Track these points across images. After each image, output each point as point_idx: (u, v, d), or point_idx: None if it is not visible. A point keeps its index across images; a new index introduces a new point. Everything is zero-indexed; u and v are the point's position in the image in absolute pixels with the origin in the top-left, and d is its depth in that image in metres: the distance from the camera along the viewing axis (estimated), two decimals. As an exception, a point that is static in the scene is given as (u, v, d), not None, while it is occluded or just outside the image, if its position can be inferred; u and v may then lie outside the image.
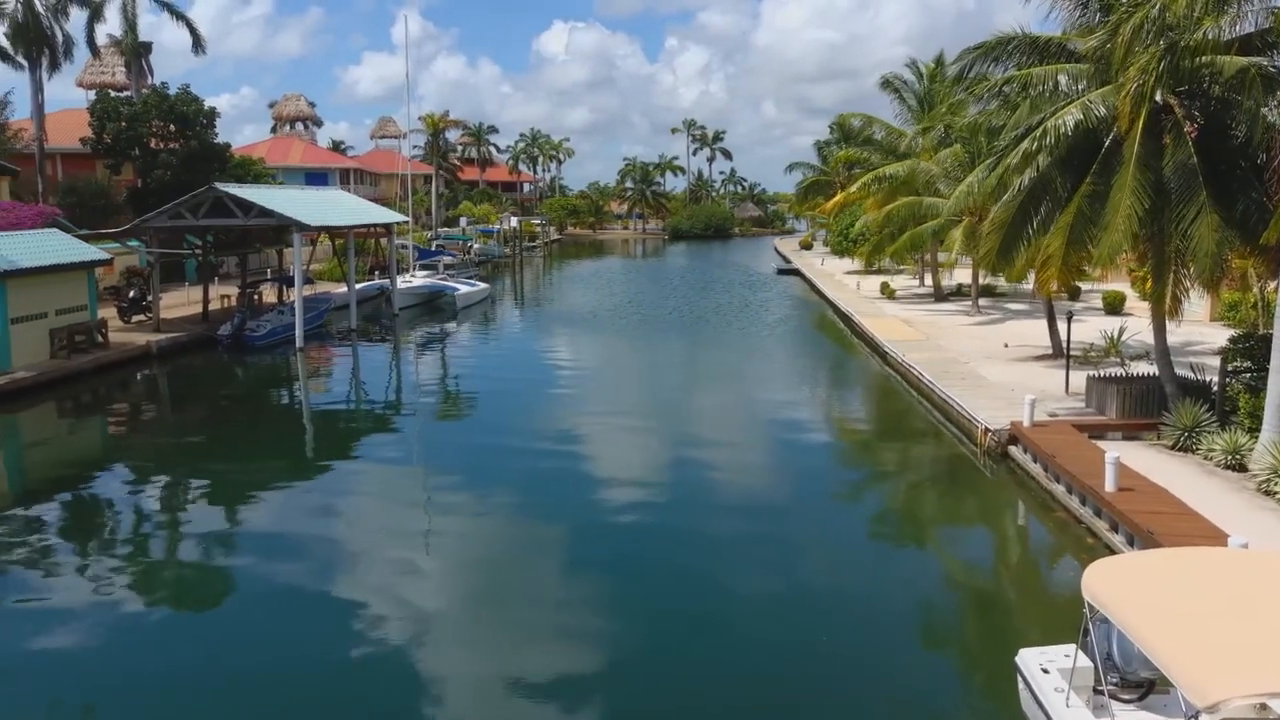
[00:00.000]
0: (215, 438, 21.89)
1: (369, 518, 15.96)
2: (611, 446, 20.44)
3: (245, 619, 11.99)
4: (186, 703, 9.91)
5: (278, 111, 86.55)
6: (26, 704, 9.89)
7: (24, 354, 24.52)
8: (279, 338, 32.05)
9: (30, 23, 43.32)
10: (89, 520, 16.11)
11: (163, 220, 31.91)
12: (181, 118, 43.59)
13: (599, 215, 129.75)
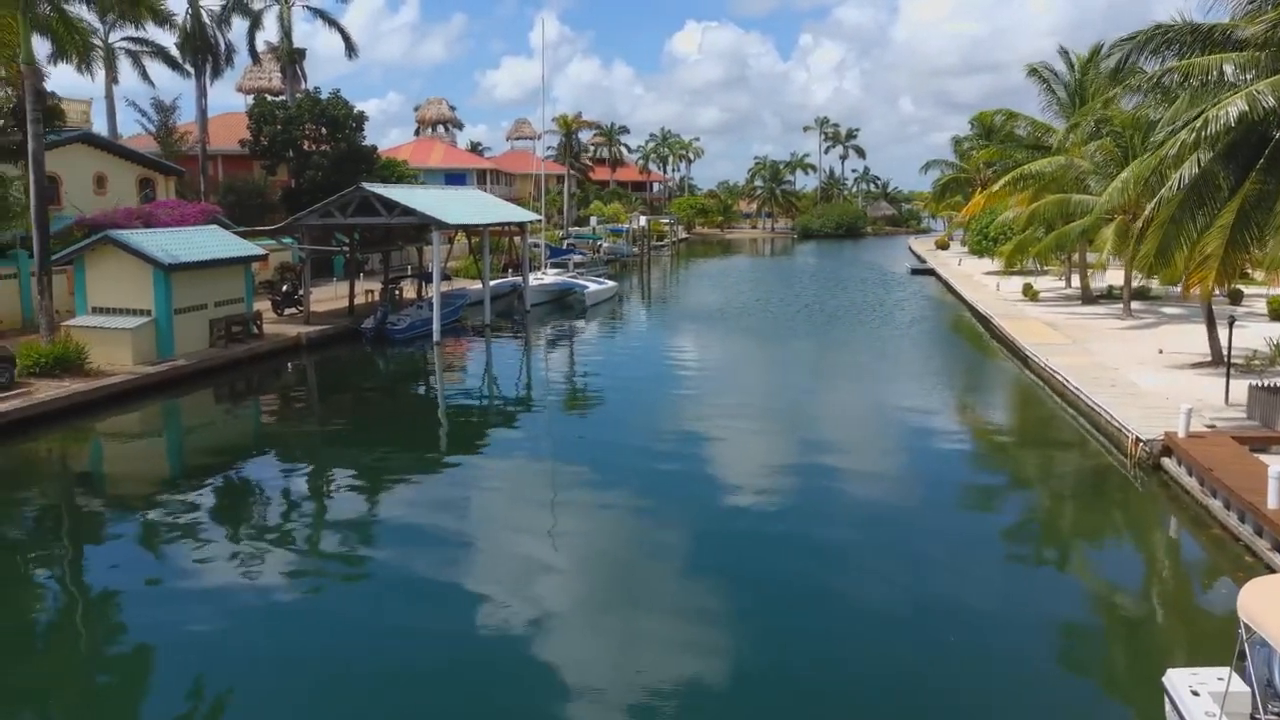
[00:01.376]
0: (357, 426, 22.95)
1: (496, 511, 16.40)
2: (735, 447, 20.32)
3: (377, 603, 12.46)
4: (316, 683, 10.40)
5: (421, 115, 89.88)
6: (173, 678, 10.58)
7: (186, 343, 26.29)
8: (417, 332, 33.30)
9: (196, 32, 46.40)
10: (239, 502, 17.12)
11: (314, 218, 33.63)
12: (332, 121, 45.82)
13: (727, 214, 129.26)
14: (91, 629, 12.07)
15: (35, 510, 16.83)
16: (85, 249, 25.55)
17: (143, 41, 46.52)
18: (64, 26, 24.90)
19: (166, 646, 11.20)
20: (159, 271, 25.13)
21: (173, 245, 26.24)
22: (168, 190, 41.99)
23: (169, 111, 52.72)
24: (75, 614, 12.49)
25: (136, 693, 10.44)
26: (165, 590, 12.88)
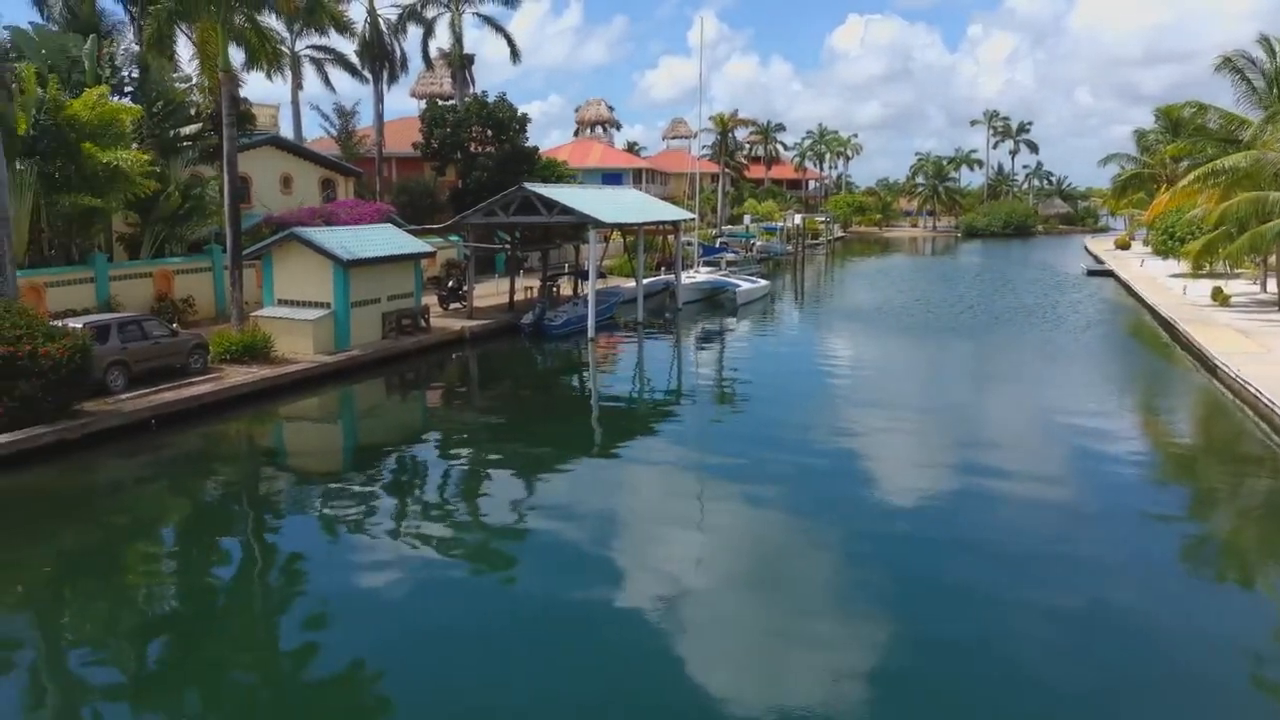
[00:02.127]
0: (514, 416, 23.71)
1: (646, 504, 16.56)
2: (891, 448, 19.75)
3: (526, 585, 12.85)
4: (466, 657, 10.81)
5: (581, 116, 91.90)
6: (343, 646, 11.25)
7: (361, 334, 27.86)
8: (573, 327, 34.06)
9: (374, 40, 49.08)
10: (405, 483, 17.99)
11: (478, 217, 34.94)
12: (498, 123, 47.47)
13: (886, 212, 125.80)
14: (271, 596, 12.97)
15: (224, 485, 18.28)
16: (273, 245, 27.45)
17: (325, 49, 49.68)
18: (257, 36, 26.82)
19: (338, 615, 11.92)
20: (338, 267, 26.72)
21: (350, 242, 27.84)
22: (347, 190, 44.62)
23: (349, 116, 56.01)
24: (257, 581, 13.46)
25: (310, 657, 11.14)
26: (337, 562, 13.71)
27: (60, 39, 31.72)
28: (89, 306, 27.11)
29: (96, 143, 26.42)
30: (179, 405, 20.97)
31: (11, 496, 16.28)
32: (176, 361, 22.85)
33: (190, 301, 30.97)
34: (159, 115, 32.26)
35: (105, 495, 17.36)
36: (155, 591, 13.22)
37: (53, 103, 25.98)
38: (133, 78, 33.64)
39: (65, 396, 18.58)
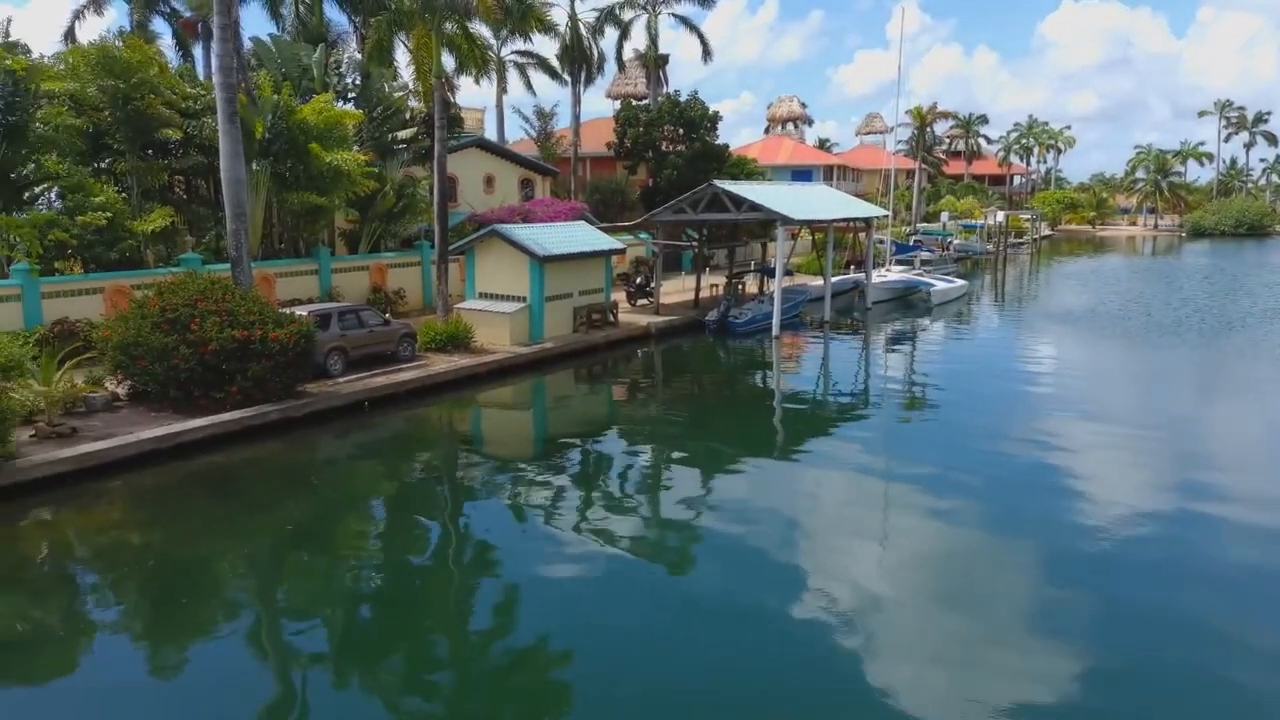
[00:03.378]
0: (697, 412, 23.85)
1: (826, 507, 16.26)
2: (1099, 463, 18.43)
3: (703, 585, 12.90)
4: (637, 648, 10.96)
5: (772, 113, 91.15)
6: (528, 631, 11.69)
7: (553, 327, 28.87)
8: (758, 325, 33.89)
9: (574, 43, 50.61)
10: (590, 472, 18.47)
11: (667, 215, 35.39)
12: (689, 122, 47.85)
13: (1101, 209, 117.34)
14: (464, 575, 13.67)
15: (426, 466, 19.44)
16: (475, 241, 28.89)
17: (528, 54, 51.73)
18: (467, 43, 28.30)
19: (524, 598, 12.44)
20: (534, 262, 27.80)
21: (546, 239, 28.88)
22: (544, 189, 46.32)
23: (548, 118, 58.13)
24: (451, 559, 14.23)
25: (498, 637, 11.68)
26: (524, 547, 14.28)
27: (293, 49, 34.65)
28: (313, 296, 29.53)
29: (322, 145, 28.69)
30: (389, 389, 22.48)
31: (242, 467, 17.98)
32: (388, 349, 24.48)
33: (401, 293, 33.11)
34: (378, 119, 34.64)
35: (322, 470, 18.87)
36: (361, 563, 14.25)
37: (285, 108, 28.42)
38: (355, 84, 36.30)
39: (291, 378, 20.31)
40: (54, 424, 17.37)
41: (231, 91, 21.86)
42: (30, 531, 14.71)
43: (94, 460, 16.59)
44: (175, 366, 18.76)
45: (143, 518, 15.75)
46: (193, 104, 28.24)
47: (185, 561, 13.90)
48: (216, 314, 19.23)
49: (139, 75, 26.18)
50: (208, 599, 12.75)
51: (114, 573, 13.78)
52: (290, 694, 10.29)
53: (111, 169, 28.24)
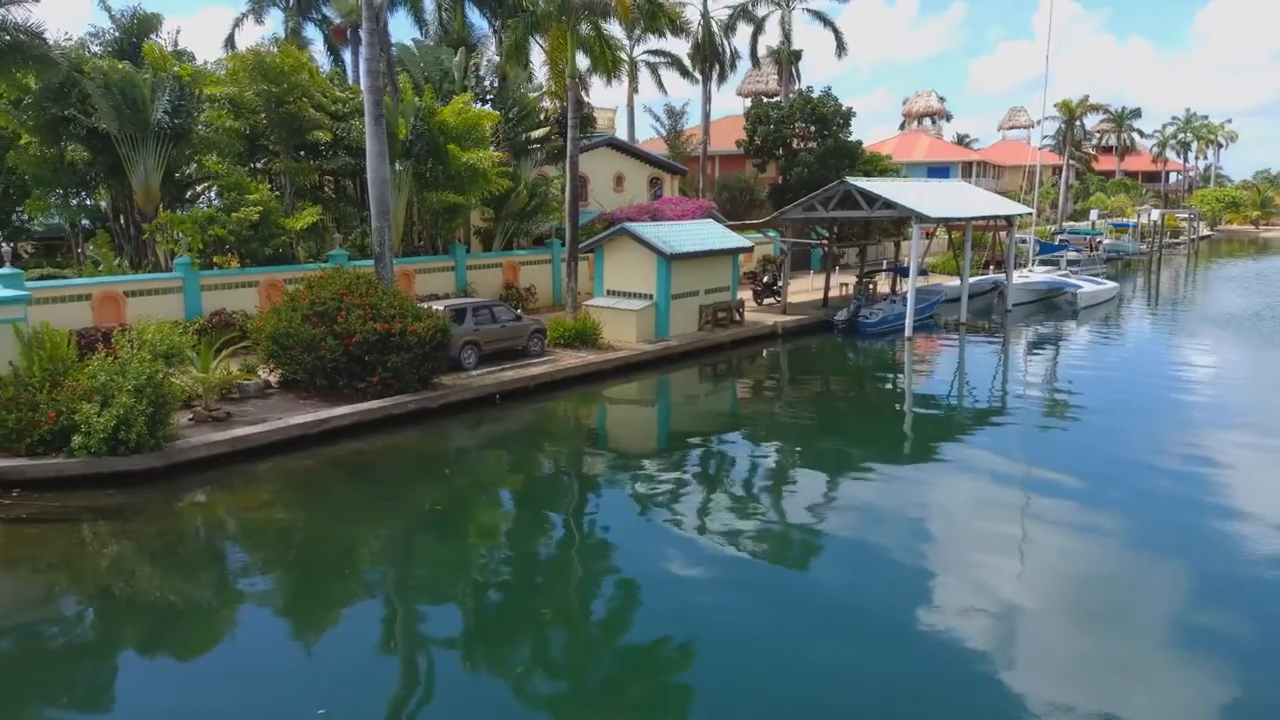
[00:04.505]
0: (823, 413, 23.44)
1: (958, 516, 15.68)
2: (1257, 477, 17.15)
3: (827, 588, 12.64)
4: (766, 650, 10.80)
5: (908, 108, 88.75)
6: (649, 626, 11.72)
7: (678, 325, 28.92)
8: (889, 326, 33.04)
9: (706, 41, 50.53)
10: (712, 470, 18.39)
11: (797, 213, 34.92)
12: (821, 118, 47.09)
13: (1264, 209, 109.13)
14: (588, 566, 13.84)
15: (552, 457, 19.82)
16: (604, 239, 29.22)
17: (660, 53, 51.98)
18: (600, 43, 28.64)
19: (646, 592, 12.50)
20: (661, 260, 27.91)
21: (673, 237, 28.95)
22: (672, 188, 46.45)
23: (678, 117, 58.25)
24: (576, 549, 14.43)
25: (620, 630, 11.77)
26: (647, 541, 14.33)
27: (435, 53, 35.87)
28: (449, 292, 30.51)
29: (460, 145, 29.59)
30: (519, 383, 23.00)
31: (382, 454, 18.74)
32: (518, 344, 25.06)
33: (532, 290, 33.85)
34: (513, 120, 35.50)
35: (455, 459, 19.49)
36: (489, 551, 14.63)
37: (427, 110, 29.45)
38: (493, 86, 37.29)
39: (427, 370, 21.04)
40: (210, 409, 18.52)
41: (378, 95, 22.80)
42: (187, 509, 15.74)
43: (246, 444, 17.61)
44: (322, 356, 19.71)
45: (289, 499, 16.63)
46: (341, 107, 29.61)
47: (327, 542, 14.61)
48: (360, 308, 20.09)
49: (292, 80, 27.64)
50: (346, 578, 13.34)
51: (261, 550, 14.60)
52: (418, 672, 10.66)
53: (267, 169, 29.94)
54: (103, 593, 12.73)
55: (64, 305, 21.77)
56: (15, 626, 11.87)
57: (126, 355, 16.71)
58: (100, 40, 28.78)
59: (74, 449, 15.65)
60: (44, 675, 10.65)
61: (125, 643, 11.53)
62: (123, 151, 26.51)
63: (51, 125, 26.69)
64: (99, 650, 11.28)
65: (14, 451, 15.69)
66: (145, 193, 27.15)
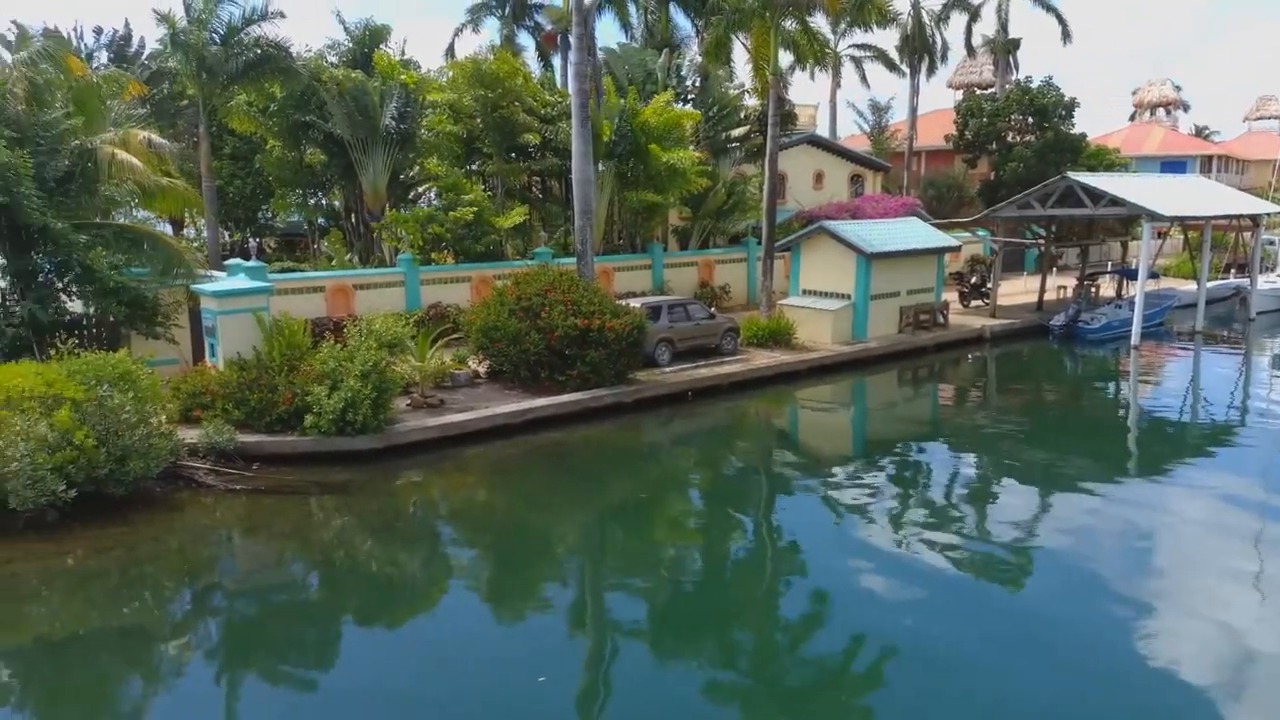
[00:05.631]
0: (1032, 425, 22.06)
1: (1186, 537, 14.33)
2: None
3: (1032, 609, 11.85)
4: (968, 671, 10.24)
5: (1139, 98, 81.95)
6: (836, 635, 11.40)
7: (877, 326, 28.05)
8: (1113, 333, 30.67)
9: (915, 32, 48.73)
10: (907, 479, 17.67)
11: (1011, 210, 33.03)
12: (1040, 110, 44.35)
13: None
14: (775, 567, 13.67)
15: (742, 456, 19.76)
16: (802, 238, 28.79)
17: (866, 46, 50.58)
18: (805, 38, 28.22)
19: (833, 599, 12.20)
20: (861, 259, 27.18)
21: (874, 236, 28.12)
22: (874, 185, 45.16)
23: (882, 111, 56.56)
24: (763, 549, 14.29)
25: (805, 635, 11.55)
26: (836, 547, 13.99)
27: (639, 55, 36.57)
28: (645, 289, 31.04)
29: (661, 145, 30.02)
30: (711, 381, 23.08)
31: (579, 445, 19.32)
32: (711, 342, 25.13)
33: (726, 289, 33.87)
34: (713, 119, 35.65)
35: (648, 453, 19.80)
36: (678, 546, 14.76)
37: (630, 111, 30.06)
38: (694, 86, 37.60)
39: (623, 365, 21.49)
40: (426, 395, 19.73)
41: (585, 98, 23.50)
42: (403, 488, 16.84)
43: (456, 429, 18.63)
44: (526, 350, 20.55)
45: (494, 483, 17.48)
46: (550, 110, 30.75)
47: (527, 525, 15.26)
48: (563, 304, 20.79)
49: (506, 85, 28.98)
50: (543, 561, 13.87)
51: (468, 530, 15.43)
52: (608, 657, 10.89)
53: (480, 170, 31.56)
54: (327, 561, 13.84)
55: (301, 296, 23.80)
56: (252, 588, 13.12)
57: (355, 343, 18.07)
58: (336, 51, 31.28)
59: (306, 428, 17.10)
60: (274, 633, 11.72)
61: (346, 608, 12.47)
62: (354, 155, 28.70)
63: (293, 131, 29.29)
64: (322, 614, 12.27)
65: (255, 428, 17.32)
66: (374, 193, 29.28)
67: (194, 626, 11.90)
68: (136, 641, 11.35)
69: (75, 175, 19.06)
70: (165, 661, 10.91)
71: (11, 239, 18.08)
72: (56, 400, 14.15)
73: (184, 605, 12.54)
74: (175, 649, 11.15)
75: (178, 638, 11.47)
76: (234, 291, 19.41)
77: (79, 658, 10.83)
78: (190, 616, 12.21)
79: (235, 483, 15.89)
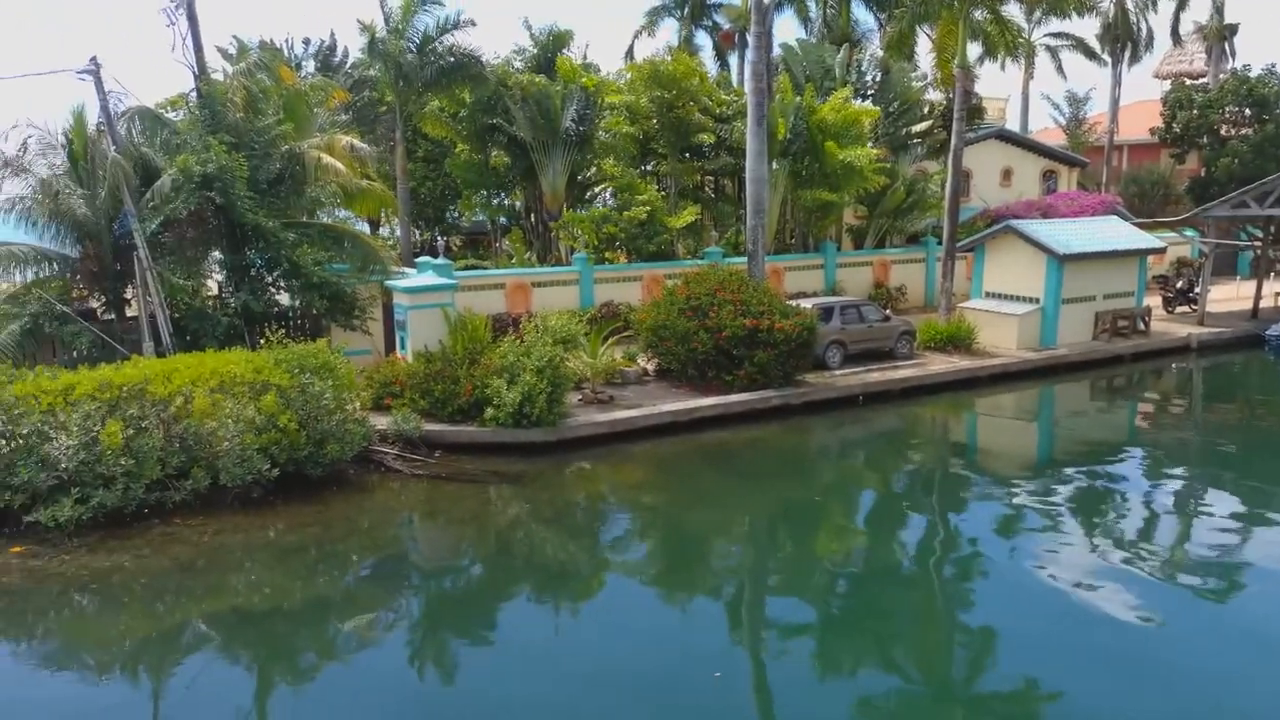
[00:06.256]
0: (1246, 444, 20.13)
1: None
2: None
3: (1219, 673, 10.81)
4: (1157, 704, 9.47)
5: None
6: (1012, 654, 10.79)
7: (1068, 333, 26.36)
8: (1340, 345, 27.65)
9: (1118, 19, 45.57)
10: (1094, 498, 16.45)
11: (1224, 209, 30.29)
12: (1260, 101, 40.53)
13: None
14: (947, 582, 13.13)
15: (915, 464, 19.07)
16: (987, 237, 27.47)
17: (1063, 35, 47.72)
18: (997, 28, 26.92)
19: (1010, 618, 11.57)
20: (1052, 261, 25.65)
21: (1068, 235, 26.47)
22: (1069, 181, 42.50)
23: (1079, 104, 53.19)
24: (934, 562, 13.74)
25: (982, 657, 11.03)
26: (1014, 565, 13.28)
27: (818, 51, 35.93)
28: (817, 290, 30.51)
29: (837, 142, 29.40)
30: (883, 385, 22.42)
31: (744, 446, 19.22)
32: (885, 345, 24.40)
33: (902, 290, 32.81)
34: (894, 115, 34.60)
35: (814, 458, 19.47)
36: (842, 555, 14.42)
37: (806, 109, 29.60)
38: (874, 81, 36.61)
39: (792, 367, 21.22)
40: (596, 391, 20.18)
41: (762, 96, 23.34)
42: (572, 480, 17.29)
43: (625, 425, 18.96)
44: (694, 349, 20.64)
45: (659, 480, 17.68)
46: (725, 110, 30.72)
47: (691, 523, 15.35)
48: (732, 303, 20.74)
49: (682, 86, 29.18)
50: (708, 559, 13.93)
51: (634, 524, 15.69)
52: (768, 660, 10.78)
53: (655, 170, 31.94)
54: (502, 548, 14.42)
55: (482, 293, 24.85)
56: (433, 569, 13.86)
57: (532, 339, 18.71)
58: (522, 57, 32.43)
59: (485, 419, 17.84)
60: (451, 612, 12.32)
61: (519, 593, 12.95)
62: (535, 157, 29.70)
63: (480, 134, 30.61)
64: (496, 598, 12.78)
65: (438, 418, 18.22)
66: (552, 193, 30.20)
67: (380, 602, 12.64)
68: (327, 613, 12.19)
69: (284, 178, 20.68)
70: (352, 634, 11.66)
71: (229, 237, 19.82)
72: (264, 386, 15.39)
73: (371, 582, 13.36)
74: (362, 622, 11.91)
75: (365, 612, 12.24)
76: (423, 288, 20.52)
77: (277, 625, 11.75)
78: (376, 593, 12.99)
79: (419, 468, 16.79)
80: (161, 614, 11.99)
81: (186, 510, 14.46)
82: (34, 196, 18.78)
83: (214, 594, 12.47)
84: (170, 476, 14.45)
